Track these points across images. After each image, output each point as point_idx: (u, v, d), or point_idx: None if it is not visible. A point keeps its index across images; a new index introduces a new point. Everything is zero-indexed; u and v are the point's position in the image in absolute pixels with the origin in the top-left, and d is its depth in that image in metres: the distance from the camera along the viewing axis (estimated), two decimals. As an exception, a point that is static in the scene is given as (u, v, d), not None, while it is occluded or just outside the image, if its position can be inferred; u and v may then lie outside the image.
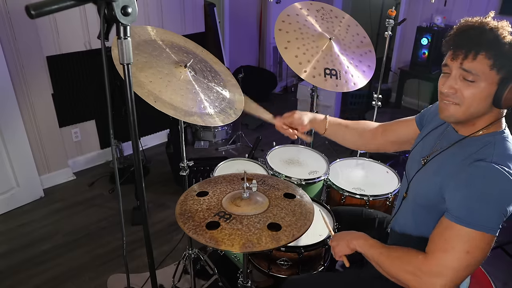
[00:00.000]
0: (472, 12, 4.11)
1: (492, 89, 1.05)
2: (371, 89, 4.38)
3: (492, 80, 1.04)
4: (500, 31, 1.03)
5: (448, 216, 1.07)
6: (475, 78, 1.04)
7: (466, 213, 1.03)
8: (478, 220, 1.02)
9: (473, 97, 1.06)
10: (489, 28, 1.04)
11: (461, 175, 1.07)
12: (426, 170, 1.23)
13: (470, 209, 1.03)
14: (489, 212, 1.02)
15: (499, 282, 2.32)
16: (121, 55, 0.90)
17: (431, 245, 1.10)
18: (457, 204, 1.06)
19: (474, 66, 1.04)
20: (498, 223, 1.03)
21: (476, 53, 1.03)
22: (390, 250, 1.21)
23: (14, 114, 2.77)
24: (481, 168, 1.05)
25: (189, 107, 1.55)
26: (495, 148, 1.08)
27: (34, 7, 0.75)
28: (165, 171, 3.40)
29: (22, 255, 2.50)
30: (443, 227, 1.08)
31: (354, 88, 2.00)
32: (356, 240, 1.30)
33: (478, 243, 1.03)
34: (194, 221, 1.29)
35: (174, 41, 1.80)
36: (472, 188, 1.04)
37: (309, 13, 2.14)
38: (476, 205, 1.03)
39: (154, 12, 3.46)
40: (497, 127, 1.13)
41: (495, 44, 1.02)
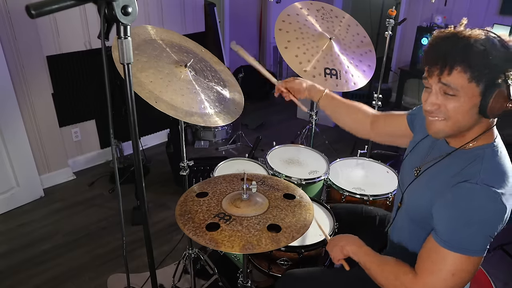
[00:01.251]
0: (472, 12, 4.11)
1: (476, 100, 1.00)
2: (371, 89, 4.38)
3: (473, 92, 0.99)
4: (473, 41, 0.97)
5: (435, 237, 1.06)
6: (456, 92, 1.00)
7: (450, 237, 1.03)
8: (463, 244, 1.01)
9: (458, 111, 1.02)
10: (461, 39, 0.98)
11: (447, 194, 1.05)
12: (418, 183, 1.22)
13: (454, 232, 1.02)
14: (474, 236, 1.01)
15: (499, 282, 2.32)
16: (121, 55, 0.90)
17: (419, 264, 1.10)
18: (442, 226, 1.05)
19: (451, 80, 0.99)
20: (484, 245, 1.02)
21: (451, 68, 0.98)
22: (382, 261, 1.21)
23: (14, 114, 2.77)
24: (466, 189, 1.02)
25: (189, 107, 1.55)
26: (483, 163, 1.05)
27: (34, 6, 0.75)
28: (165, 171, 3.40)
29: (22, 255, 2.49)
30: (430, 247, 1.08)
31: (354, 88, 2.01)
32: (349, 246, 1.30)
33: (463, 266, 1.03)
34: (194, 223, 1.29)
35: (174, 41, 1.80)
36: (456, 210, 1.02)
37: (309, 13, 2.13)
38: (461, 228, 1.01)
39: (154, 11, 3.46)
40: (488, 138, 1.09)
41: (468, 56, 0.97)
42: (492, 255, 2.42)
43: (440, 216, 1.06)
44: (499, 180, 1.02)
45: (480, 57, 0.97)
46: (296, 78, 1.68)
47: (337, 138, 3.88)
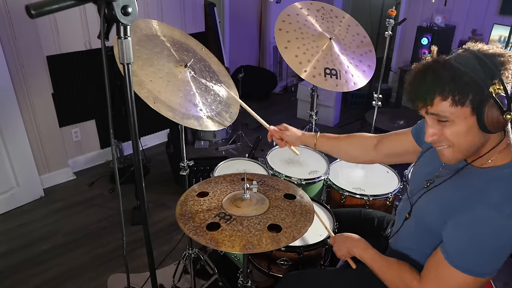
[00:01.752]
0: (472, 12, 4.12)
1: (471, 121, 0.97)
2: (371, 89, 4.39)
3: (464, 113, 0.97)
4: (437, 65, 0.97)
5: (444, 254, 1.05)
6: (447, 118, 0.99)
7: (460, 258, 1.02)
8: (472, 266, 1.00)
9: (457, 135, 1.00)
10: (426, 68, 0.99)
11: (462, 215, 1.02)
12: (430, 197, 1.18)
13: (465, 254, 1.01)
14: (485, 260, 1.00)
15: (499, 282, 2.32)
16: (121, 55, 0.90)
17: (426, 273, 1.11)
18: (453, 246, 1.04)
19: (437, 109, 0.99)
20: (494, 268, 1.01)
21: (431, 99, 0.98)
22: (389, 265, 1.22)
23: (14, 114, 2.77)
24: (482, 215, 0.99)
25: (186, 109, 1.55)
26: (502, 184, 1.01)
27: (34, 6, 0.75)
28: (165, 171, 3.40)
29: (22, 255, 2.49)
30: (437, 262, 1.07)
31: (354, 88, 2.00)
32: (356, 248, 1.33)
33: (470, 285, 1.02)
34: (194, 222, 1.29)
35: (175, 37, 1.79)
36: (469, 234, 1.00)
37: (309, 13, 2.13)
38: (472, 253, 1.00)
39: (154, 11, 3.46)
40: (506, 157, 1.04)
41: (441, 82, 0.96)
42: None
43: (452, 237, 1.04)
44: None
45: (454, 81, 0.95)
46: (287, 127, 1.70)
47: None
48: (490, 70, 0.95)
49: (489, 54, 0.97)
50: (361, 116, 4.46)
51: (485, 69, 0.95)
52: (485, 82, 0.94)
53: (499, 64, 0.96)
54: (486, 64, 0.95)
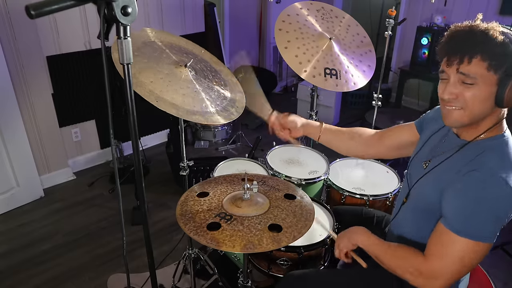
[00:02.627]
0: (472, 12, 4.11)
1: (493, 90, 1.04)
2: (371, 89, 4.39)
3: (491, 81, 1.03)
4: (491, 32, 1.02)
5: (444, 223, 1.09)
6: (474, 81, 1.04)
7: (461, 223, 1.05)
8: (473, 230, 1.04)
9: (475, 99, 1.05)
10: (479, 30, 1.03)
11: (457, 184, 1.07)
12: (428, 176, 1.23)
13: (465, 219, 1.05)
14: (483, 222, 1.04)
15: (499, 282, 2.32)
16: (121, 55, 0.90)
17: (430, 247, 1.13)
18: (452, 213, 1.08)
19: (470, 69, 1.03)
20: (494, 231, 1.04)
21: (471, 57, 1.03)
22: (392, 249, 1.23)
23: (14, 114, 2.77)
24: (476, 177, 1.04)
25: (191, 106, 1.55)
26: (495, 153, 1.08)
27: (34, 7, 0.75)
28: (165, 171, 3.40)
29: (22, 255, 2.49)
30: (440, 232, 1.10)
31: (354, 88, 2.00)
32: (356, 235, 1.32)
33: (473, 251, 1.05)
34: (195, 222, 1.29)
35: (173, 42, 1.80)
36: (467, 198, 1.05)
37: (309, 13, 2.13)
38: (471, 216, 1.04)
39: (154, 12, 3.46)
40: (498, 130, 1.12)
41: (487, 45, 1.02)
42: (492, 255, 2.42)
43: (450, 205, 1.08)
44: (509, 168, 1.04)
45: (499, 47, 1.01)
46: (289, 114, 1.62)
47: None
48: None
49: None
50: (361, 116, 4.45)
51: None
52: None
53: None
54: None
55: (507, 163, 1.06)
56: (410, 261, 1.15)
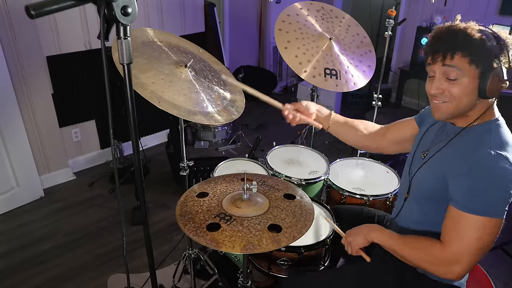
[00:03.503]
0: (472, 12, 4.11)
1: (475, 83, 1.12)
2: (371, 89, 4.38)
3: (473, 74, 1.11)
4: (469, 30, 1.10)
5: (455, 205, 1.13)
6: (458, 76, 1.12)
7: (470, 201, 1.10)
8: (483, 206, 1.09)
9: (460, 93, 1.13)
10: (458, 30, 1.12)
11: (462, 166, 1.12)
12: (429, 165, 1.27)
13: (473, 196, 1.10)
14: (492, 197, 1.08)
15: (500, 282, 2.32)
16: (121, 55, 0.90)
17: (445, 234, 1.16)
18: (462, 194, 1.12)
19: (455, 63, 1.12)
20: (503, 206, 1.09)
21: (453, 54, 1.11)
22: (407, 241, 1.25)
23: (14, 114, 2.77)
24: (480, 156, 1.10)
25: (192, 107, 1.55)
26: (492, 134, 1.14)
27: (34, 7, 0.75)
28: (165, 171, 3.40)
29: (22, 255, 2.49)
30: (452, 216, 1.14)
31: (354, 88, 2.00)
32: (373, 232, 1.34)
33: (487, 228, 1.09)
34: (194, 223, 1.29)
35: (172, 42, 1.80)
36: (473, 176, 1.10)
37: (309, 13, 2.13)
38: (479, 192, 1.09)
39: (154, 12, 3.46)
40: (490, 115, 1.19)
41: (467, 43, 1.10)
42: (492, 255, 2.42)
43: (458, 186, 1.13)
44: (508, 147, 1.12)
45: (477, 44, 1.09)
46: (301, 102, 1.62)
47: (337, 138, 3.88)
48: (501, 47, 1.11)
49: (501, 36, 1.12)
50: (361, 116, 4.43)
51: (498, 43, 1.10)
52: (497, 53, 1.10)
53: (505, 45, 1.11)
54: (499, 40, 1.11)
55: (506, 143, 1.13)
56: (428, 251, 1.18)
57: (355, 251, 1.40)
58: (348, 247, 1.42)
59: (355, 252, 1.40)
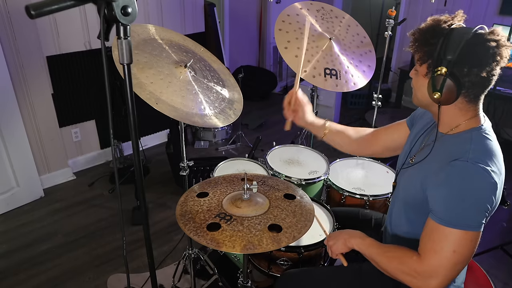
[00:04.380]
0: (472, 12, 4.11)
1: (423, 81, 1.14)
2: (371, 89, 4.38)
3: (422, 71, 1.14)
4: (434, 26, 1.12)
5: (432, 217, 1.10)
6: (417, 68, 1.16)
7: (447, 214, 1.07)
8: (459, 219, 1.05)
9: (415, 84, 1.19)
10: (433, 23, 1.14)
11: (439, 174, 1.09)
12: (412, 171, 1.27)
13: (450, 209, 1.06)
14: (469, 210, 1.05)
15: (499, 282, 2.32)
16: (121, 55, 0.90)
17: (422, 246, 1.14)
18: (438, 204, 1.09)
19: (415, 55, 1.15)
20: (479, 220, 1.06)
21: (412, 46, 1.15)
22: (386, 250, 1.23)
23: (14, 114, 2.77)
24: (457, 167, 1.06)
25: (189, 109, 1.55)
26: (472, 143, 1.10)
27: (34, 7, 0.75)
28: (165, 171, 3.40)
29: (22, 255, 2.49)
30: (430, 228, 1.11)
31: (354, 88, 2.00)
32: (353, 238, 1.32)
33: (462, 242, 1.06)
34: (195, 223, 1.29)
35: (173, 40, 1.80)
36: (450, 188, 1.06)
37: (309, 13, 2.13)
38: (455, 204, 1.05)
39: (154, 12, 3.46)
40: (474, 123, 1.15)
41: (422, 38, 1.12)
42: (492, 255, 2.42)
43: (435, 196, 1.10)
44: (487, 158, 1.07)
45: (427, 45, 1.10)
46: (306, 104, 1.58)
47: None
48: (461, 55, 1.05)
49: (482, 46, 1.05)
50: (361, 116, 4.45)
51: (460, 51, 1.05)
52: (445, 60, 1.06)
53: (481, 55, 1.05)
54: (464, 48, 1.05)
55: (486, 153, 1.08)
56: (405, 262, 1.15)
57: (334, 255, 1.38)
58: (328, 249, 1.41)
59: (335, 256, 1.38)
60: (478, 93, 1.11)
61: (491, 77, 1.07)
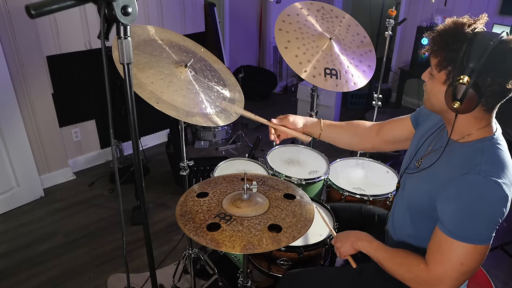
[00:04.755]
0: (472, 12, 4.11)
1: (441, 87, 1.08)
2: (371, 89, 4.39)
3: (439, 78, 1.09)
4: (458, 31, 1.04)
5: (441, 228, 1.09)
6: (432, 73, 1.11)
7: (457, 227, 1.05)
8: (469, 233, 1.04)
9: (430, 89, 1.14)
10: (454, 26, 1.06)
11: (450, 188, 1.07)
12: (419, 176, 1.24)
13: (460, 223, 1.05)
14: (479, 225, 1.04)
15: (499, 282, 2.32)
16: (121, 55, 0.90)
17: (429, 255, 1.13)
18: (447, 217, 1.07)
19: (431, 61, 1.10)
20: (489, 234, 1.05)
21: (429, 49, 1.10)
22: (394, 256, 1.23)
23: (14, 114, 2.77)
24: (469, 181, 1.04)
25: (190, 108, 1.55)
26: (484, 155, 1.07)
27: (34, 7, 0.75)
28: (165, 171, 3.40)
29: (22, 255, 2.49)
30: (438, 239, 1.10)
31: (354, 88, 2.00)
32: (360, 241, 1.33)
33: (471, 255, 1.05)
34: (194, 223, 1.29)
35: (173, 40, 1.80)
36: (461, 202, 1.04)
37: (309, 13, 2.13)
38: (466, 219, 1.04)
39: (154, 12, 3.46)
40: (487, 132, 1.11)
41: (441, 42, 1.06)
42: (492, 255, 2.42)
43: (445, 209, 1.08)
44: (499, 170, 1.04)
45: (449, 50, 1.04)
46: (287, 115, 1.62)
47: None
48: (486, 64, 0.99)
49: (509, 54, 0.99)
50: (361, 116, 4.45)
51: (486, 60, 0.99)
52: (467, 68, 1.00)
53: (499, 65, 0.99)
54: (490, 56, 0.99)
55: (497, 165, 1.06)
56: (412, 269, 1.15)
57: (342, 256, 1.39)
58: (336, 251, 1.41)
59: (342, 257, 1.39)
60: (497, 102, 1.07)
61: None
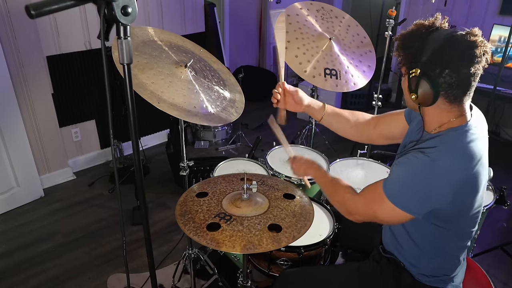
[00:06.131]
0: (472, 12, 4.12)
1: (405, 82, 1.17)
2: (371, 89, 4.38)
3: (404, 76, 1.17)
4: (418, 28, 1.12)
5: (384, 184, 1.18)
6: (402, 72, 1.19)
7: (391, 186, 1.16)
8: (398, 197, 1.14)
9: (402, 88, 1.21)
10: (420, 25, 1.13)
11: (406, 155, 1.16)
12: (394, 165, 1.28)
13: (395, 184, 1.15)
14: (408, 195, 1.12)
15: (499, 282, 2.32)
16: (121, 55, 0.90)
17: (362, 193, 1.28)
18: (391, 177, 1.18)
19: (398, 60, 1.19)
20: (420, 211, 1.13)
21: (397, 48, 1.17)
22: (333, 182, 1.39)
23: (14, 114, 2.77)
24: (417, 158, 1.11)
25: (191, 107, 1.55)
26: (443, 143, 1.12)
27: (34, 7, 0.75)
28: (165, 171, 3.40)
29: (22, 255, 2.49)
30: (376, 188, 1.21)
31: (354, 88, 2.00)
32: (309, 170, 1.48)
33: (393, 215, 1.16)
34: (194, 223, 1.29)
35: (172, 41, 1.80)
36: (403, 169, 1.14)
37: (309, 13, 2.13)
38: (401, 183, 1.14)
39: (154, 12, 3.46)
40: (458, 122, 1.15)
41: (401, 45, 1.15)
42: (492, 255, 2.42)
43: (394, 171, 1.19)
44: (453, 156, 1.09)
45: (405, 46, 1.13)
46: (297, 90, 1.60)
47: (337, 138, 3.84)
48: (433, 55, 1.07)
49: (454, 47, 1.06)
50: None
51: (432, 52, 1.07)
52: (419, 62, 1.09)
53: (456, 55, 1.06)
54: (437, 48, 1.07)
55: (455, 151, 1.10)
56: (341, 194, 1.33)
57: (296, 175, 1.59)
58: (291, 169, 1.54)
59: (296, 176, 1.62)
60: (459, 94, 1.10)
61: (469, 78, 1.07)
